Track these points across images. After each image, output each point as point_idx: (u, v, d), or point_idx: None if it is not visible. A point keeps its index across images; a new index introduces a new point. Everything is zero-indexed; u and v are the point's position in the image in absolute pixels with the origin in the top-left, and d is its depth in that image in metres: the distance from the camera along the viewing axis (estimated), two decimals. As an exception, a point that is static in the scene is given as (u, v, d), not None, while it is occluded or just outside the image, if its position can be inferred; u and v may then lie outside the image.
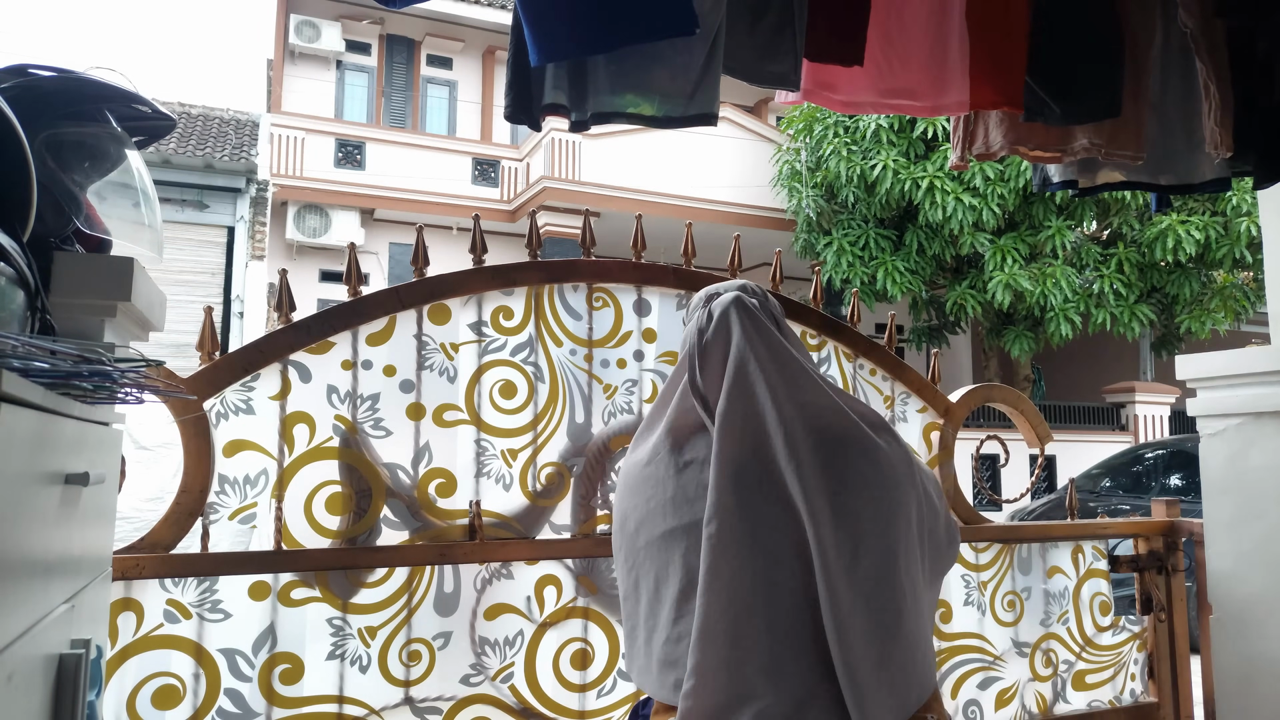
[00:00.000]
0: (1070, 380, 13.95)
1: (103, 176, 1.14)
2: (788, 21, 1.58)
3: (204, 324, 1.52)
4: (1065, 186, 2.12)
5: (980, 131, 1.96)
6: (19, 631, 0.72)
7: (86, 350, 0.84)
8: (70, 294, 1.02)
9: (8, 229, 0.87)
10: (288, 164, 11.19)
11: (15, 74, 1.05)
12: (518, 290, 1.74)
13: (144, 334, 1.21)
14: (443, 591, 1.61)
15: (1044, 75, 1.69)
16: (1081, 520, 2.16)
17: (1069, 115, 1.71)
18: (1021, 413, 2.13)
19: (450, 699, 1.59)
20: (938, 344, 11.02)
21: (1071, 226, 9.35)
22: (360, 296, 1.62)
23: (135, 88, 1.14)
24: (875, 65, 1.79)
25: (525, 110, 1.52)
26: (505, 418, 1.70)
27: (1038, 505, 7.13)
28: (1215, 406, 2.05)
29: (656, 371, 1.82)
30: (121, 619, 1.41)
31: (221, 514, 1.51)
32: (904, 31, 1.77)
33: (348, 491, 1.58)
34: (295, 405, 1.57)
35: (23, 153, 0.92)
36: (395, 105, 12.84)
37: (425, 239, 1.70)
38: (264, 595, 1.49)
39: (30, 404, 0.72)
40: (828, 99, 1.84)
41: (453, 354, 1.68)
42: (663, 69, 1.52)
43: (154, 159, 9.52)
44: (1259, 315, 10.42)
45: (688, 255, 1.87)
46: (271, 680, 1.48)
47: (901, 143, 9.52)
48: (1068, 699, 2.11)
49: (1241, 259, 9.21)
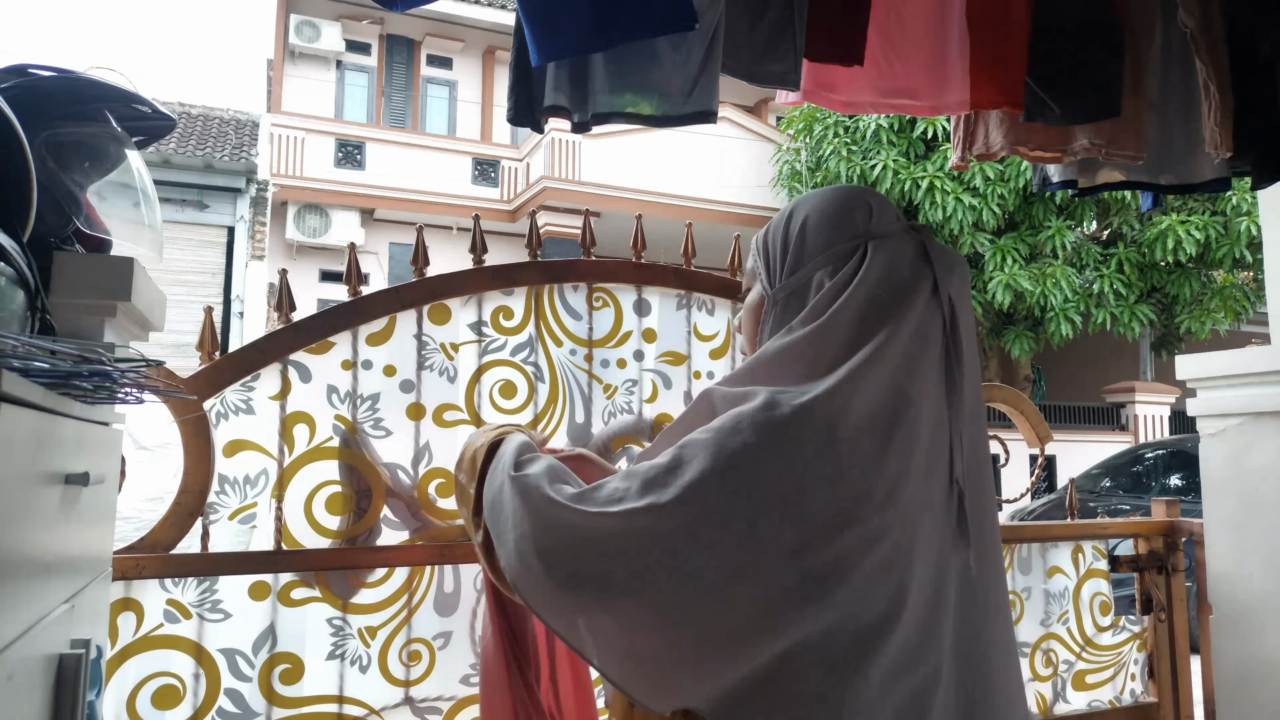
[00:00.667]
0: (1070, 380, 13.96)
1: (103, 176, 1.14)
2: (788, 21, 1.58)
3: (204, 324, 1.52)
4: (1065, 186, 2.12)
5: (980, 132, 1.96)
6: (19, 631, 0.72)
7: (86, 350, 0.84)
8: (70, 294, 1.02)
9: (8, 229, 0.87)
10: (288, 164, 11.20)
11: (15, 74, 1.05)
12: (518, 290, 1.74)
13: (144, 334, 1.21)
14: (443, 591, 1.61)
15: (1044, 75, 1.69)
16: (1081, 520, 2.16)
17: (1069, 115, 1.71)
18: (1021, 413, 2.12)
19: (450, 699, 1.59)
20: (938, 344, 11.00)
21: (1071, 226, 9.36)
22: (360, 296, 1.62)
23: (135, 88, 1.14)
24: (875, 65, 1.79)
25: (527, 113, 1.53)
26: (505, 418, 1.70)
27: (1038, 505, 7.14)
28: (1215, 406, 2.05)
29: (657, 371, 1.82)
30: (121, 619, 1.41)
31: (221, 514, 1.51)
32: (904, 31, 1.77)
33: (348, 491, 1.58)
34: (295, 405, 1.57)
35: (23, 153, 0.92)
36: (395, 105, 12.84)
37: (425, 239, 1.70)
38: (264, 595, 1.49)
39: (30, 404, 0.72)
40: (828, 99, 1.84)
41: (453, 354, 1.68)
42: (661, 68, 1.52)
43: (154, 159, 9.52)
44: (1259, 315, 10.43)
45: (688, 255, 1.87)
46: (271, 680, 1.48)
47: (901, 143, 9.53)
48: (1068, 699, 2.11)
49: (1241, 259, 9.22)
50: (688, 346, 1.85)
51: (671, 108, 1.55)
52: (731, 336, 1.88)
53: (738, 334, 1.20)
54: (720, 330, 1.88)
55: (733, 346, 1.88)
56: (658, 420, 1.80)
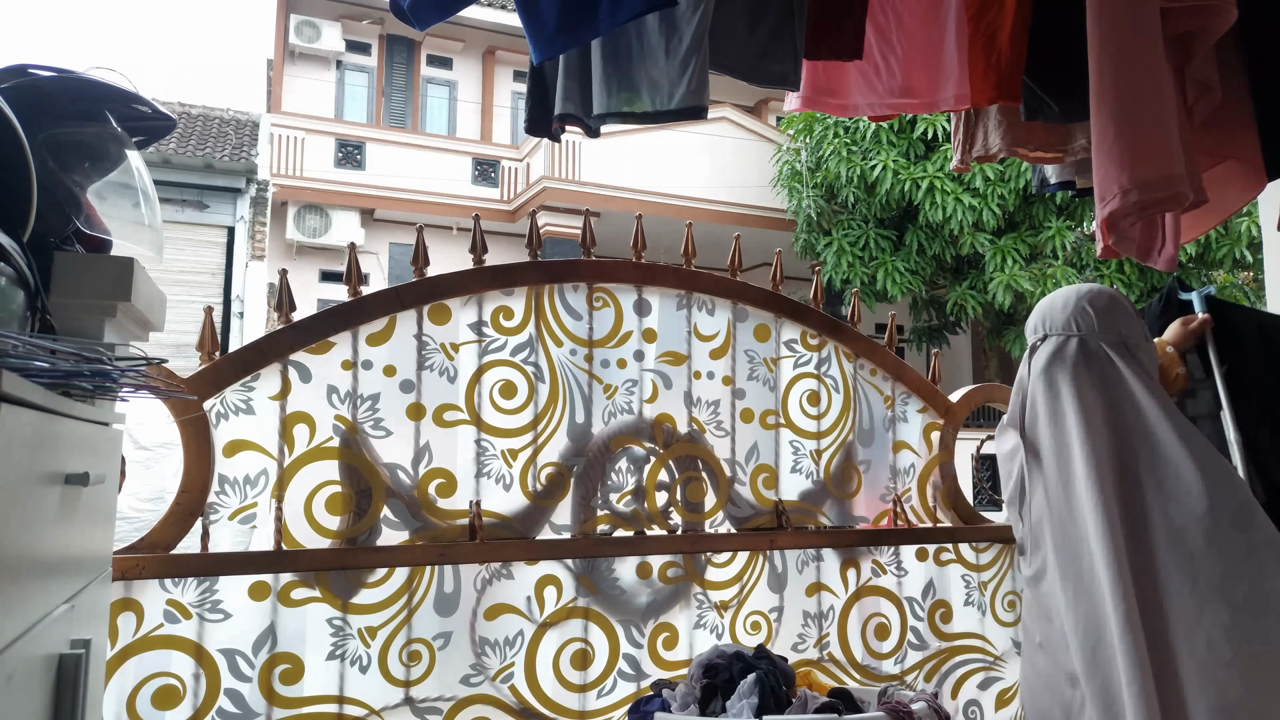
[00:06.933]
0: (1070, 380, 13.92)
1: (103, 176, 1.14)
2: (788, 21, 1.59)
3: (204, 324, 1.52)
4: (1063, 187, 2.12)
5: (980, 134, 1.96)
6: (19, 631, 0.72)
7: (86, 349, 0.84)
8: (70, 294, 1.02)
9: (8, 229, 0.87)
10: (288, 164, 11.19)
11: (15, 74, 1.05)
12: (518, 290, 1.74)
13: (144, 334, 1.21)
14: (443, 591, 1.61)
15: (1043, 74, 1.69)
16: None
17: (1068, 114, 1.72)
18: (1021, 413, 2.12)
19: (450, 699, 1.59)
20: (938, 344, 11.02)
21: (1071, 227, 9.35)
22: (360, 296, 1.62)
23: (135, 88, 1.14)
24: (873, 66, 1.80)
25: (543, 123, 1.62)
26: (505, 418, 1.70)
27: (1038, 505, 7.11)
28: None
29: (657, 371, 1.82)
30: (121, 619, 1.41)
31: (221, 514, 1.51)
32: (901, 28, 1.78)
33: (348, 491, 1.58)
34: (295, 405, 1.57)
35: (23, 153, 0.92)
36: (395, 105, 12.84)
37: (425, 239, 1.70)
38: (264, 595, 1.49)
39: (30, 404, 0.72)
40: (828, 104, 1.85)
41: (453, 354, 1.68)
42: (654, 64, 1.54)
43: (154, 159, 9.52)
44: (1259, 315, 10.40)
45: (688, 255, 1.87)
46: (271, 680, 1.48)
47: (901, 143, 9.52)
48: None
49: (1241, 259, 9.21)
50: (688, 346, 1.85)
51: (663, 103, 1.57)
52: (731, 336, 1.88)
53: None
54: (720, 330, 1.88)
55: (733, 346, 1.89)
56: (658, 420, 1.81)
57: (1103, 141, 1.40)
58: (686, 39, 1.49)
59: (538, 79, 1.62)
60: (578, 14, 1.25)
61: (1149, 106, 1.38)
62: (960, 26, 1.69)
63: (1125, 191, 1.37)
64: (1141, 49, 1.38)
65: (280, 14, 12.01)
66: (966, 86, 1.69)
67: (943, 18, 1.74)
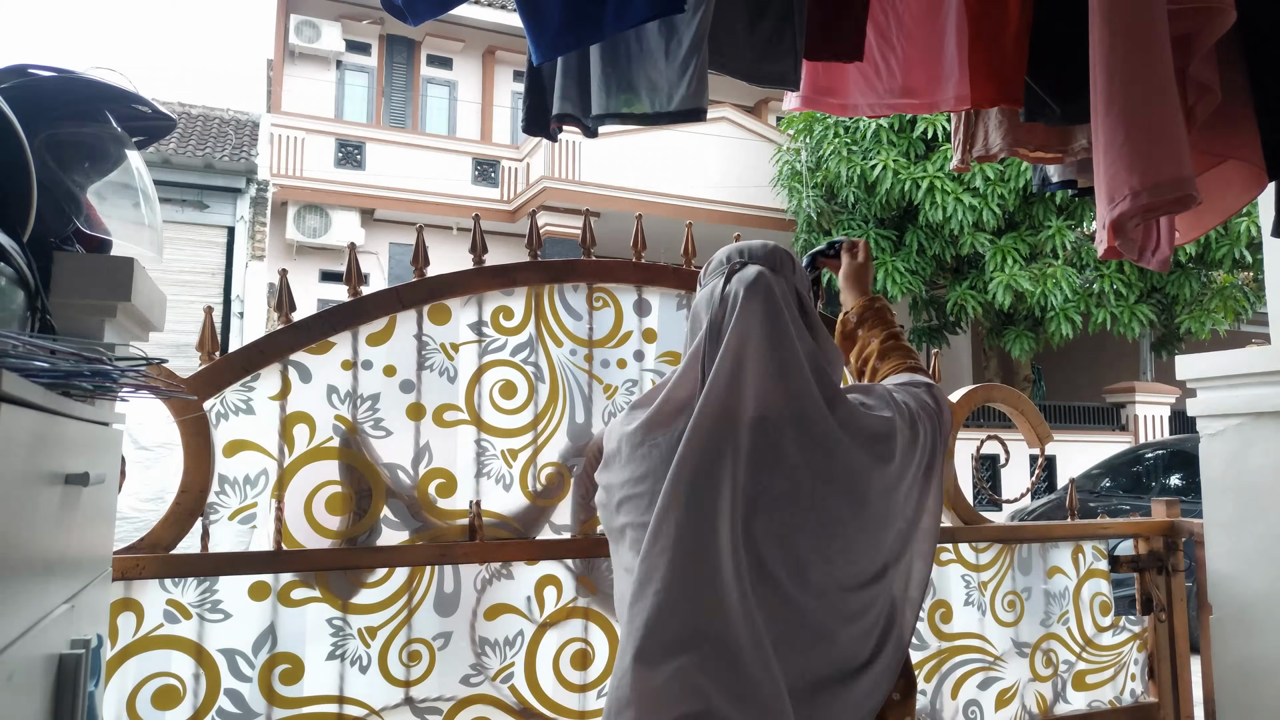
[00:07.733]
0: (1070, 380, 13.95)
1: (103, 176, 1.14)
2: (787, 21, 1.59)
3: (204, 324, 1.52)
4: (1064, 187, 2.12)
5: (980, 134, 1.95)
6: (19, 631, 0.72)
7: (86, 349, 0.84)
8: (70, 294, 1.02)
9: (8, 229, 0.87)
10: (288, 164, 11.19)
11: (15, 74, 1.05)
12: (518, 290, 1.74)
13: (144, 334, 1.21)
14: (443, 591, 1.61)
15: (1044, 74, 1.69)
16: (1082, 520, 2.16)
17: (1070, 116, 1.71)
18: (1021, 413, 2.13)
19: (450, 699, 1.59)
20: (938, 344, 11.02)
21: (1071, 226, 9.35)
22: (360, 296, 1.62)
23: (135, 88, 1.14)
24: (873, 67, 1.79)
25: (540, 122, 1.60)
26: (505, 418, 1.70)
27: (1038, 505, 7.13)
28: (1215, 406, 2.05)
29: (657, 371, 1.82)
30: (121, 619, 1.41)
31: (221, 514, 1.52)
32: (901, 28, 1.77)
33: (348, 491, 1.58)
34: (295, 405, 1.57)
35: (23, 153, 0.92)
36: (395, 105, 12.84)
37: (425, 239, 1.70)
38: (264, 595, 1.49)
39: (30, 404, 0.72)
40: (827, 104, 1.84)
41: (453, 354, 1.68)
42: (653, 66, 1.54)
43: (154, 159, 9.52)
44: (1259, 315, 10.42)
45: (688, 255, 1.87)
46: (271, 680, 1.48)
47: (901, 143, 9.53)
48: (1068, 699, 2.11)
49: (1241, 259, 9.22)
50: (688, 346, 1.85)
51: (662, 105, 1.57)
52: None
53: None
54: (720, 330, 1.88)
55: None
56: (658, 420, 1.80)
57: (1111, 143, 1.38)
58: (686, 41, 1.49)
59: (535, 78, 1.62)
60: (581, 18, 1.24)
61: (1159, 108, 1.36)
62: (961, 27, 1.69)
63: (1135, 194, 1.35)
64: (1151, 49, 1.36)
65: (280, 14, 12.01)
66: (967, 87, 1.68)
67: (943, 18, 1.74)
